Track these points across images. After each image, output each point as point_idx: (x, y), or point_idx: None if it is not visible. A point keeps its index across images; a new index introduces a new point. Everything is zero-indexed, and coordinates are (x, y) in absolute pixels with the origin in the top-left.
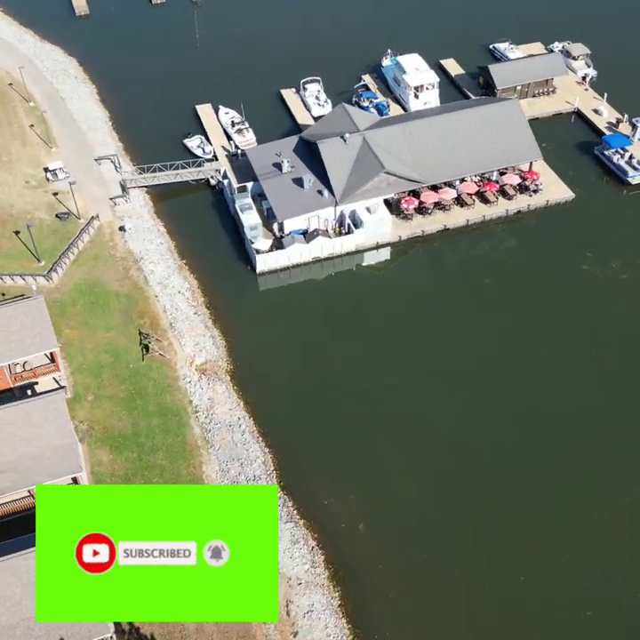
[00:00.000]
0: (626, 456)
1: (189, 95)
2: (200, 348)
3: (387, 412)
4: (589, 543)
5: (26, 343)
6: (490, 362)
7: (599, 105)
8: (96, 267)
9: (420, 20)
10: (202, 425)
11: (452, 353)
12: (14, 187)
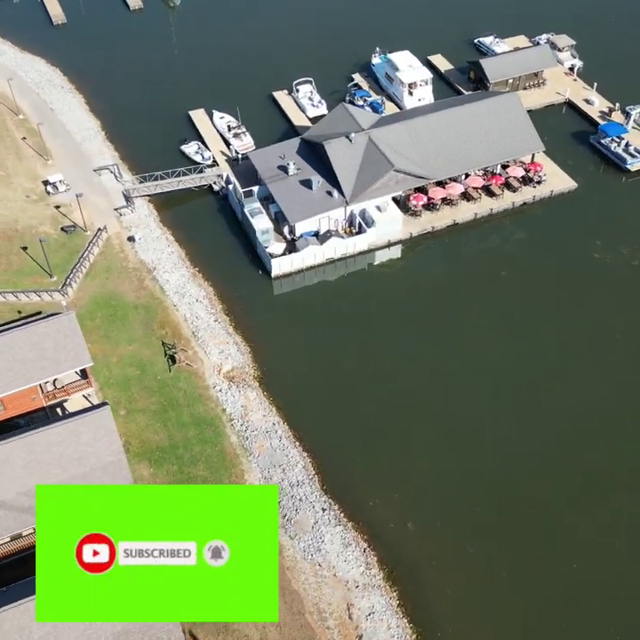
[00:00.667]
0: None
1: (180, 101)
2: (225, 356)
3: (420, 408)
4: None
5: (59, 361)
6: (515, 350)
7: (589, 95)
8: (110, 279)
9: (405, 18)
10: (238, 433)
11: (478, 345)
12: (15, 201)
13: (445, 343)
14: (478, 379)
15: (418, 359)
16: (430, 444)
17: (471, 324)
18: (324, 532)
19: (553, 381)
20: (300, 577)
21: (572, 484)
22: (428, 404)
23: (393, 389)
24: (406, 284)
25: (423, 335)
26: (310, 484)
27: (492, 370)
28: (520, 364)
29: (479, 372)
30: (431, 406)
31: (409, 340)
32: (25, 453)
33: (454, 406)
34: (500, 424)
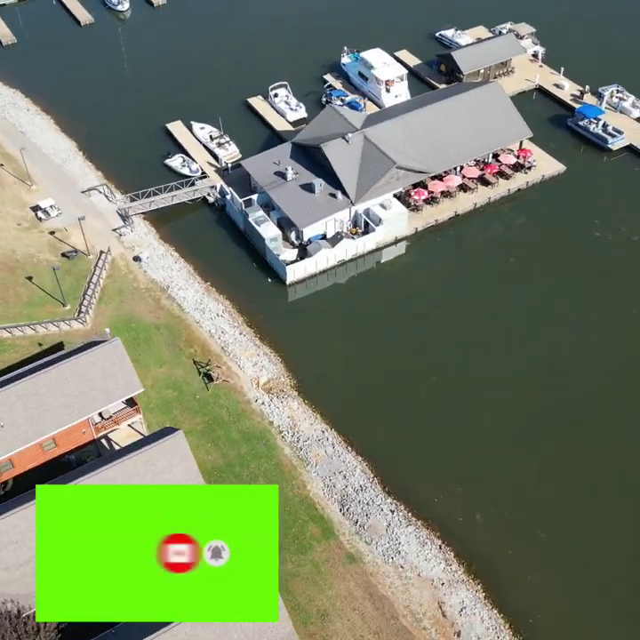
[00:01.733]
0: None
1: (153, 114)
2: (260, 368)
3: (464, 398)
4: None
5: (109, 390)
6: (535, 333)
7: (558, 79)
8: (124, 301)
9: (366, 16)
10: (290, 444)
11: (501, 330)
12: (8, 231)
13: (475, 327)
14: (515, 364)
15: (448, 350)
16: (481, 434)
17: (491, 311)
18: (399, 533)
19: (583, 356)
20: (386, 581)
21: None
22: (467, 394)
23: (429, 383)
24: (420, 278)
25: (446, 321)
26: (373, 488)
27: (523, 353)
28: (543, 346)
29: (512, 356)
30: (475, 393)
31: (434, 330)
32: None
33: (502, 392)
34: (546, 409)
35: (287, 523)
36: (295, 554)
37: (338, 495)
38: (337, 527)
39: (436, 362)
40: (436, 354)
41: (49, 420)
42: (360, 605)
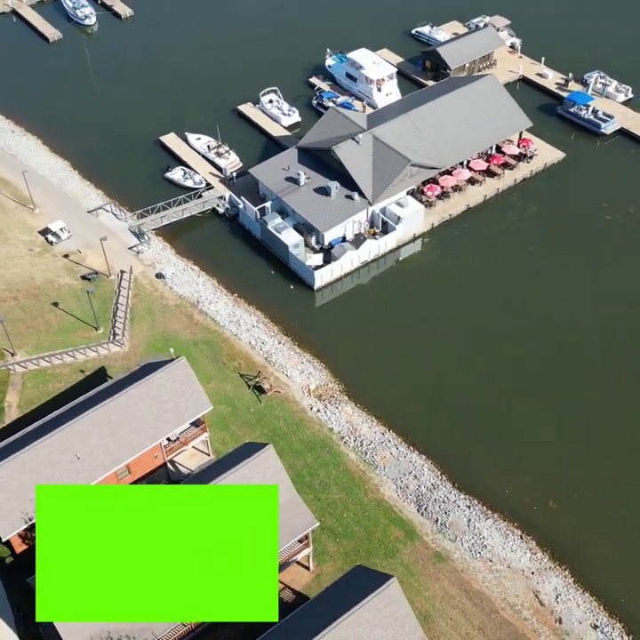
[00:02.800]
0: None
1: (144, 128)
2: (306, 375)
3: (510, 386)
4: None
5: (180, 410)
6: (563, 314)
7: (541, 69)
8: (156, 320)
9: (341, 17)
10: (355, 449)
11: (534, 311)
12: (22, 257)
13: (507, 319)
14: (556, 344)
15: (487, 339)
16: (537, 421)
17: (521, 298)
18: (480, 527)
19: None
20: (478, 576)
21: None
22: (522, 377)
23: (476, 374)
24: (444, 272)
25: (481, 315)
26: (444, 485)
27: (557, 332)
28: (572, 326)
29: (550, 336)
30: (527, 379)
31: (470, 322)
32: None
33: (549, 379)
34: (601, 390)
35: (369, 528)
36: (384, 559)
37: (412, 496)
38: (418, 528)
39: (478, 351)
40: (477, 344)
41: (124, 447)
42: (459, 603)
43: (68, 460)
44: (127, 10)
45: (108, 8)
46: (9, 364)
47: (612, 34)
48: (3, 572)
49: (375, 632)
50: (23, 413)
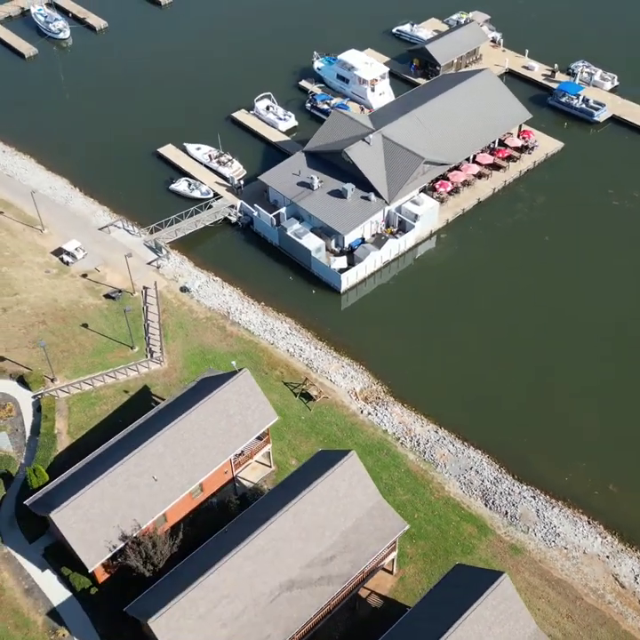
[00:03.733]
0: None
1: (139, 140)
2: (350, 379)
3: (555, 373)
4: None
5: (247, 423)
6: (587, 296)
7: (526, 62)
8: (189, 334)
9: (322, 19)
10: (412, 449)
11: (563, 294)
12: (40, 280)
13: (540, 306)
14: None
15: (521, 327)
16: (582, 408)
17: (543, 287)
18: (549, 516)
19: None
20: (556, 565)
21: None
22: (557, 368)
23: (512, 361)
24: (465, 265)
25: (509, 304)
26: (505, 478)
27: (590, 317)
28: (604, 311)
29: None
30: (563, 369)
31: (500, 313)
32: (295, 523)
33: (581, 360)
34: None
35: (441, 527)
36: (463, 555)
37: (478, 491)
38: (489, 522)
39: (511, 342)
40: (508, 334)
41: (198, 465)
42: (543, 593)
43: (145, 482)
44: (101, 22)
45: (81, 21)
46: (51, 390)
47: (592, 23)
48: (85, 602)
49: (493, 629)
50: (75, 439)
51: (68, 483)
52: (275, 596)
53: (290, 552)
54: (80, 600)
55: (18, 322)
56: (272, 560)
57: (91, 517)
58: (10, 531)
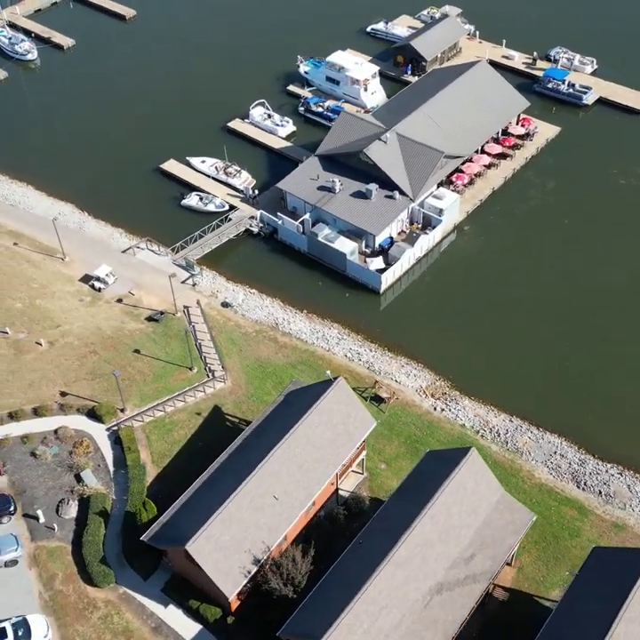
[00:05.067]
0: None
1: (137, 158)
2: (414, 378)
3: (605, 348)
4: None
5: (350, 431)
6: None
7: (505, 51)
8: (243, 350)
9: (294, 23)
10: (494, 441)
11: (589, 274)
12: (77, 309)
13: (580, 288)
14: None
15: (559, 306)
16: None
17: (575, 268)
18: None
19: None
20: None
21: None
22: (605, 342)
23: (558, 342)
24: (493, 254)
25: (546, 287)
26: (588, 458)
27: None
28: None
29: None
30: (611, 343)
31: (533, 295)
32: (433, 526)
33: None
34: None
35: (543, 513)
36: (571, 539)
37: (567, 474)
38: (586, 503)
39: (555, 323)
40: (551, 315)
41: (312, 478)
42: None
43: (268, 503)
44: (68, 40)
45: (47, 41)
46: (124, 421)
47: (564, 8)
48: (220, 633)
49: None
50: (161, 468)
51: (183, 512)
52: (427, 601)
53: (433, 555)
54: (214, 632)
55: (69, 354)
56: (419, 566)
57: (223, 545)
58: (120, 569)
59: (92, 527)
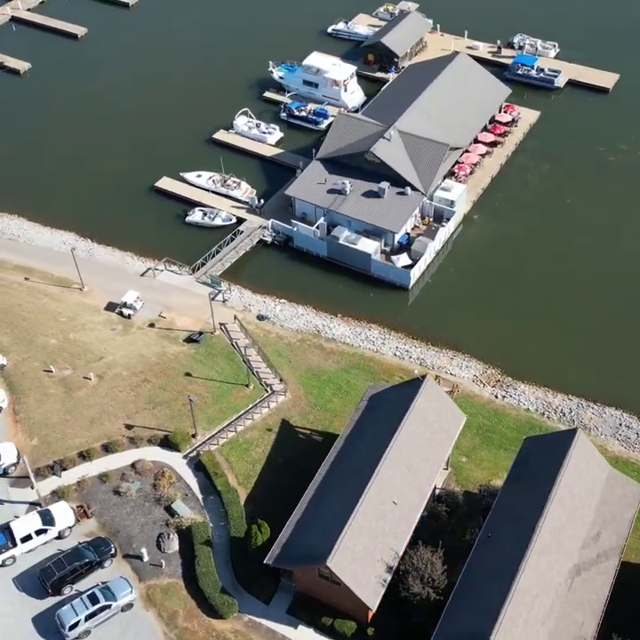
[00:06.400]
0: None
1: (130, 178)
2: (465, 368)
3: None
4: None
5: (445, 428)
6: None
7: (469, 42)
8: (292, 360)
9: (258, 31)
10: (560, 420)
11: (601, 249)
12: (112, 339)
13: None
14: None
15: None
16: None
17: (587, 242)
18: None
19: None
20: None
21: None
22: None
23: (593, 312)
24: (509, 238)
25: (568, 262)
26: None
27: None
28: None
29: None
30: None
31: (558, 272)
32: (561, 510)
33: None
34: None
35: None
36: None
37: (638, 444)
38: None
39: (591, 292)
40: (582, 286)
41: (422, 479)
42: None
43: (389, 509)
44: (24, 64)
45: (1, 66)
46: (200, 446)
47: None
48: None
49: None
50: (249, 488)
51: (303, 530)
52: (569, 584)
53: (566, 538)
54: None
55: (121, 386)
56: (557, 550)
57: (357, 556)
58: (238, 596)
59: (202, 558)
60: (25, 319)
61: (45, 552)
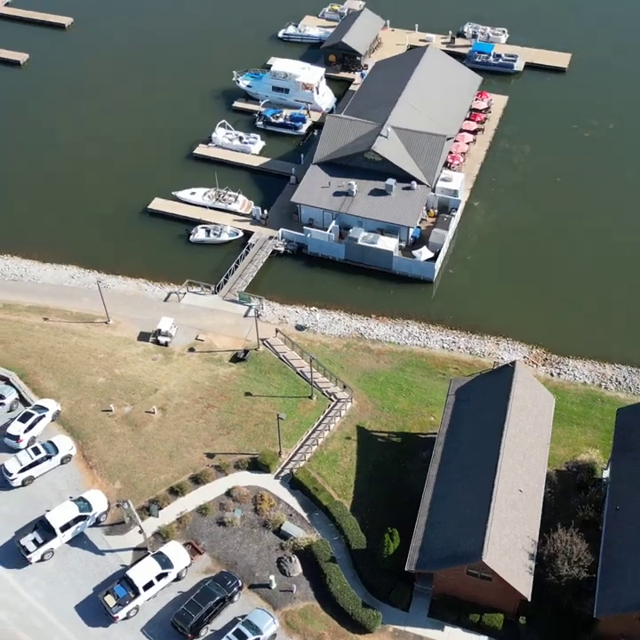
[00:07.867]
0: None
1: (121, 204)
2: (514, 352)
3: None
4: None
5: (541, 412)
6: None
7: (422, 35)
8: (344, 366)
9: (210, 41)
10: (617, 389)
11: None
12: (159, 369)
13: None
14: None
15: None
16: None
17: (589, 217)
18: None
19: None
20: None
21: None
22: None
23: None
24: (517, 220)
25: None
26: None
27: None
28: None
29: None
30: None
31: (574, 244)
32: None
33: None
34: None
35: None
36: None
37: None
38: None
39: (613, 262)
40: (600, 257)
41: (536, 465)
42: None
43: (517, 497)
44: None
45: None
46: (288, 465)
47: None
48: (514, 636)
49: None
50: (349, 499)
51: (436, 531)
52: None
53: None
54: (503, 638)
55: (188, 415)
56: None
57: (503, 548)
58: (377, 607)
59: (333, 576)
60: (63, 361)
61: (166, 597)
